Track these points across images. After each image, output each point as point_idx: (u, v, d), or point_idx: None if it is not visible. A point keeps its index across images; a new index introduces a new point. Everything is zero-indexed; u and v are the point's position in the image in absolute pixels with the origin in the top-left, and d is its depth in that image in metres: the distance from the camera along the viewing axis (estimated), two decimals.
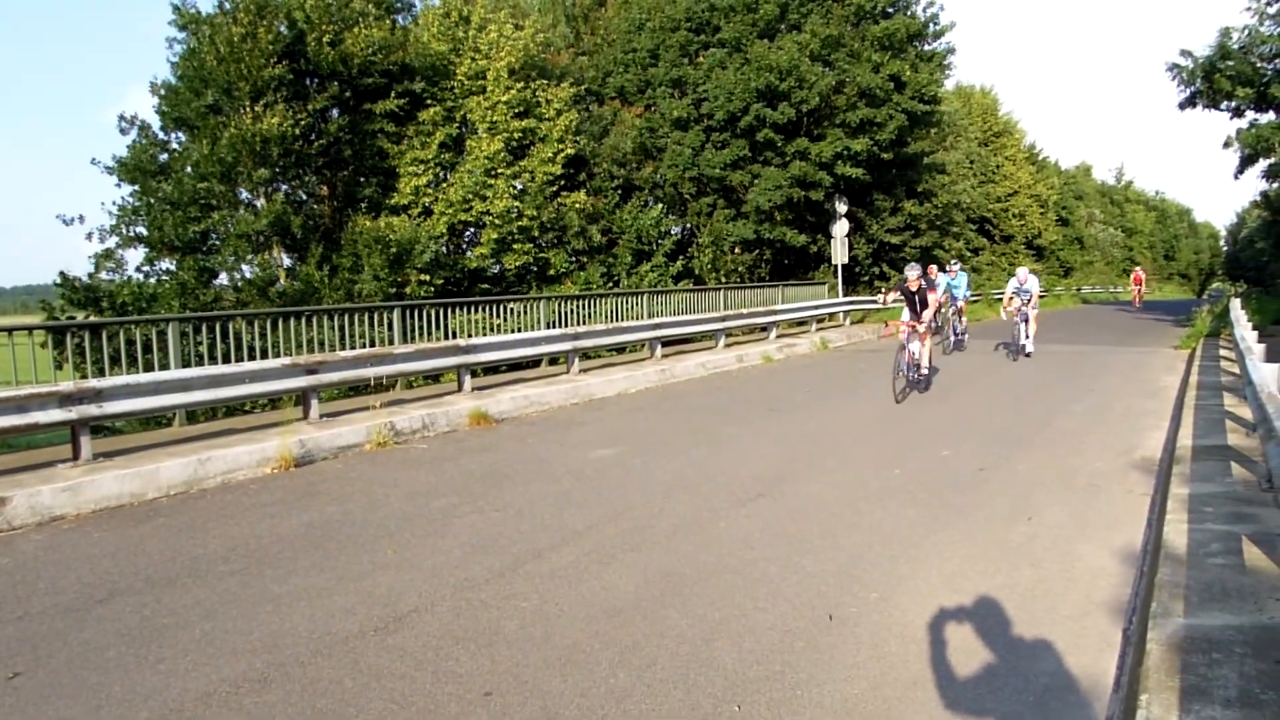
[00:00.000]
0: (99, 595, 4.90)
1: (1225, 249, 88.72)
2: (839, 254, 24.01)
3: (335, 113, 17.24)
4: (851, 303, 23.90)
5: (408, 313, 12.06)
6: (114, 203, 16.43)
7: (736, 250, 24.14)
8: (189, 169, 15.56)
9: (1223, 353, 15.24)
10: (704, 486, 7.08)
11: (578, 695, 3.65)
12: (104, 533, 6.17)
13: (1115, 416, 10.10)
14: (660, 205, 22.20)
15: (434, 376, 12.28)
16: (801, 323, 21.37)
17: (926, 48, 25.19)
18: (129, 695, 3.74)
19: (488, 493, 6.99)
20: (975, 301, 30.30)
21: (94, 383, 7.41)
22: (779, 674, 3.83)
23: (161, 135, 16.97)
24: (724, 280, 22.56)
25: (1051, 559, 5.24)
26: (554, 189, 19.03)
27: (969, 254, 37.33)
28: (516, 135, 18.50)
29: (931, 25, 24.84)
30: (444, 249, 17.96)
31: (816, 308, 21.50)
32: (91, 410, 7.31)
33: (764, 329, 18.95)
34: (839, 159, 22.56)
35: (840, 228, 23.84)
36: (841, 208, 23.74)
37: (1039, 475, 7.35)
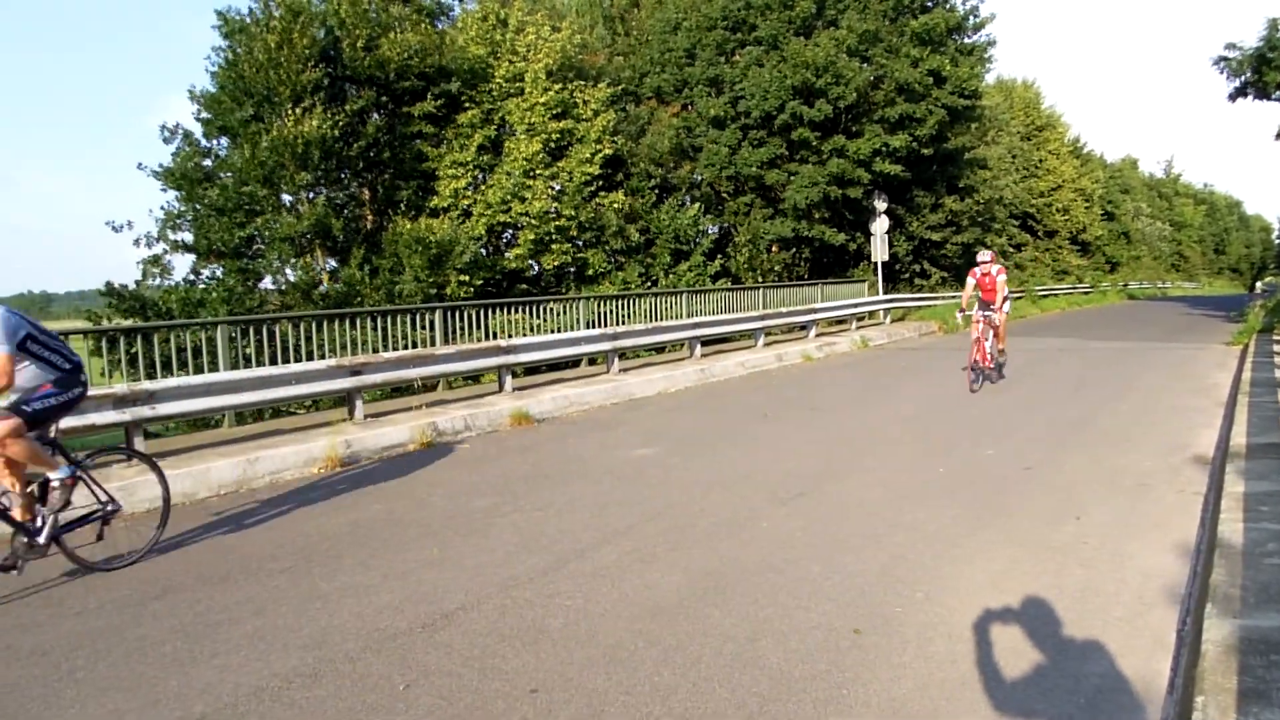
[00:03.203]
0: (154, 592, 5.02)
1: (1278, 242, 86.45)
2: (879, 251, 23.80)
3: (373, 115, 17.49)
4: (892, 300, 23.70)
5: (448, 314, 12.18)
6: (160, 207, 16.82)
7: (774, 249, 24.05)
8: (232, 174, 15.84)
9: (1277, 349, 14.86)
10: (744, 485, 7.07)
11: (622, 693, 3.67)
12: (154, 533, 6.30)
13: (1164, 414, 9.91)
14: (698, 204, 22.18)
15: (474, 377, 12.39)
16: (841, 321, 21.23)
17: (966, 41, 24.89)
18: (184, 689, 3.82)
19: (529, 492, 7.05)
20: (1019, 297, 29.83)
21: (147, 384, 7.60)
22: (824, 673, 3.81)
23: (204, 143, 17.34)
24: (762, 279, 22.48)
25: (1101, 559, 5.16)
26: (592, 189, 19.11)
27: (1011, 250, 36.74)
28: (554, 136, 18.61)
29: (971, 18, 24.55)
30: (483, 250, 18.12)
31: (856, 306, 21.34)
32: (145, 411, 7.49)
33: (803, 328, 18.86)
34: (877, 155, 22.37)
35: (880, 225, 23.64)
36: (880, 205, 23.53)
37: (1086, 474, 7.23)
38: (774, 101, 21.91)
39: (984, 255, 12.56)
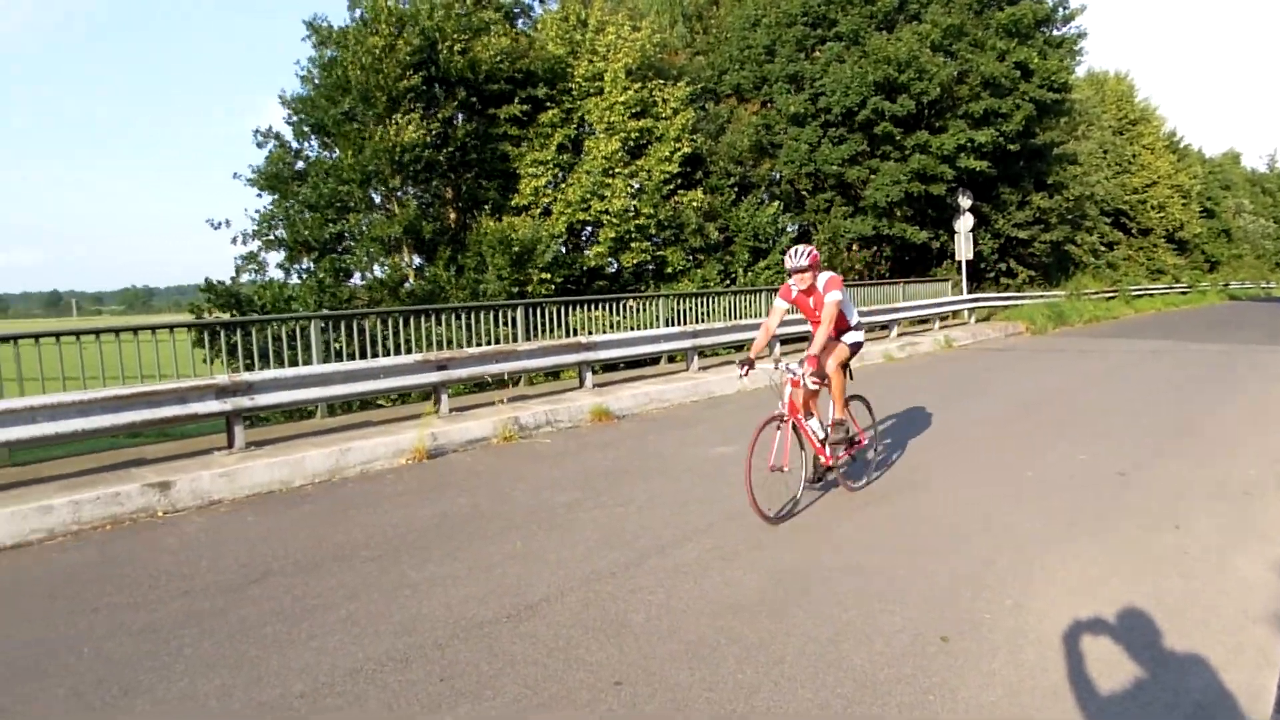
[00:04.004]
0: (254, 575, 5.24)
1: None
2: (963, 250, 23.27)
3: (460, 118, 17.86)
4: (976, 300, 23.15)
5: (530, 310, 12.35)
6: (256, 210, 17.52)
7: (854, 248, 23.71)
8: (328, 173, 16.38)
9: None
10: (826, 485, 7.01)
11: (705, 689, 3.69)
12: (257, 517, 6.59)
13: (1272, 420, 9.47)
14: (777, 202, 22.01)
15: (555, 373, 12.55)
16: (923, 320, 20.83)
17: (1055, 33, 24.15)
18: (283, 669, 3.99)
19: (610, 488, 7.12)
20: (1103, 297, 28.76)
21: (246, 376, 7.92)
22: (910, 677, 3.77)
23: (295, 145, 17.99)
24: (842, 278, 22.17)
25: (1202, 570, 4.97)
26: (670, 187, 19.14)
27: (1103, 248, 35.37)
28: (633, 135, 18.70)
29: (1061, 9, 23.82)
30: (563, 248, 18.32)
31: (939, 305, 20.90)
32: (244, 402, 7.82)
33: (884, 327, 18.56)
34: (961, 151, 21.86)
35: (964, 223, 23.10)
36: (965, 202, 23.00)
37: (1186, 481, 6.96)
38: (855, 97, 21.60)
39: (797, 256, 6.26)
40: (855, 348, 6.88)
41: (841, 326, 6.76)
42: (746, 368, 6.36)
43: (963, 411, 10.47)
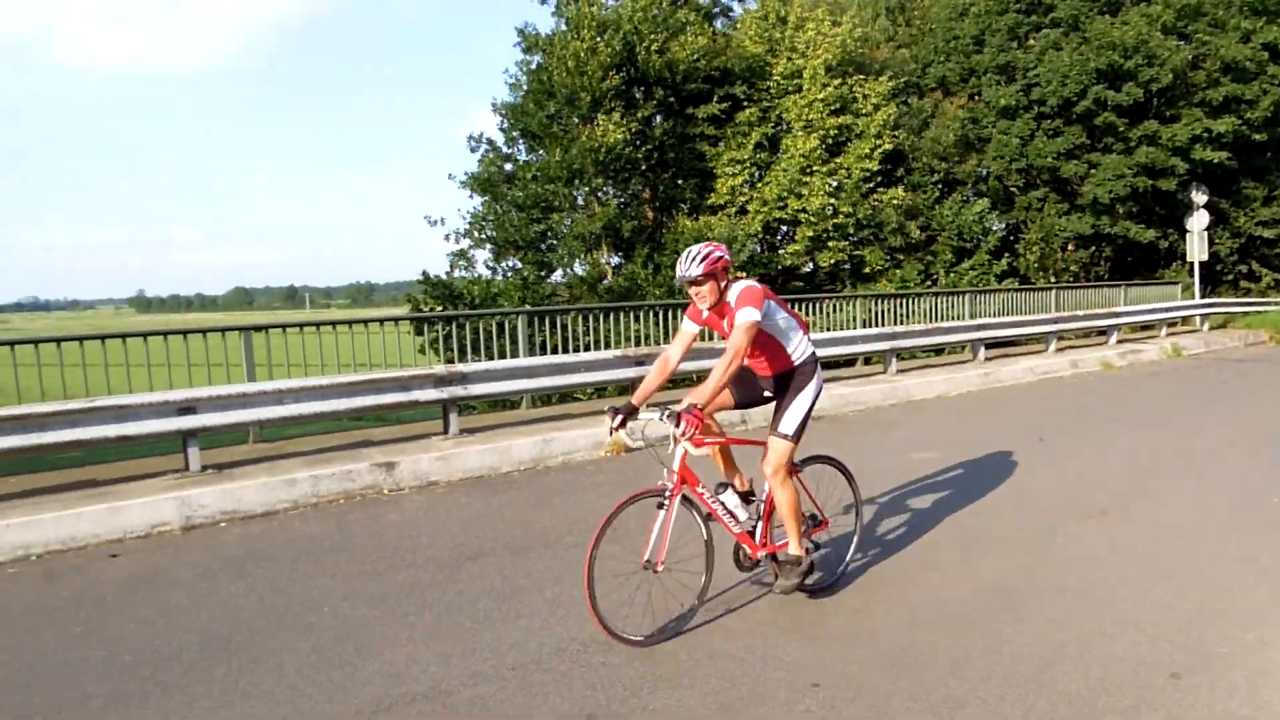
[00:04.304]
0: (469, 554, 5.61)
1: None
2: (1195, 250, 21.23)
3: (659, 119, 18.24)
4: (1211, 305, 21.07)
5: None
6: (467, 211, 18.71)
7: (1070, 247, 22.20)
8: (535, 175, 17.22)
9: None
10: (1036, 497, 6.64)
11: (908, 699, 3.61)
12: (469, 499, 7.05)
13: None
14: (983, 200, 20.97)
15: None
16: (1148, 326, 19.19)
17: None
18: (495, 643, 4.25)
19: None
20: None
21: (461, 367, 8.49)
22: (1133, 709, 3.53)
23: (505, 149, 19.00)
24: (1054, 279, 20.84)
25: None
26: (870, 185, 18.71)
27: None
28: (832, 132, 18.42)
29: None
30: (758, 247, 18.31)
31: (1167, 310, 19.19)
32: (459, 391, 8.38)
33: (1102, 332, 17.28)
34: (1196, 143, 19.98)
35: (1197, 220, 21.07)
36: (1200, 198, 20.97)
37: None
38: (1073, 87, 20.19)
39: (688, 262, 4.33)
40: (801, 423, 4.55)
41: (777, 365, 4.61)
42: (619, 418, 4.43)
43: (1193, 427, 9.60)
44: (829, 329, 13.78)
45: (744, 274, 16.50)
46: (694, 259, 4.31)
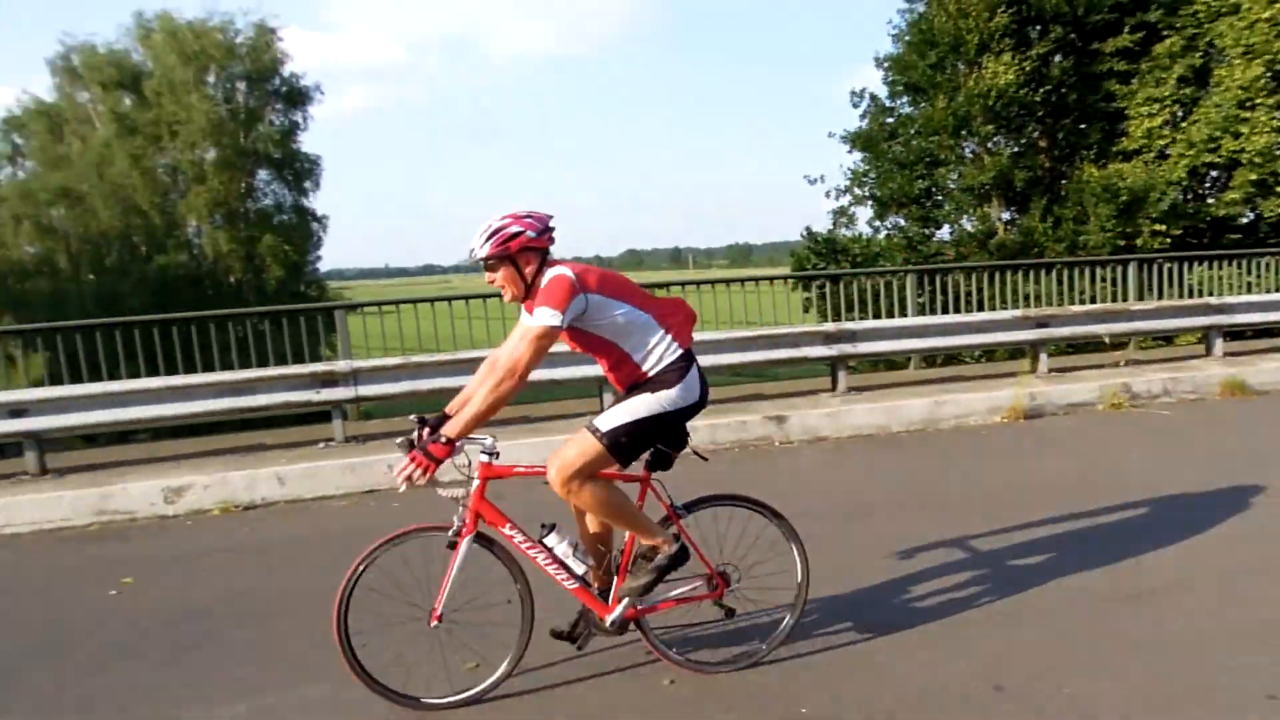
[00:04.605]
0: (861, 511, 5.61)
1: None
2: None
3: (1056, 58, 16.56)
4: None
5: (1142, 266, 11.07)
6: (848, 168, 18.41)
7: None
8: (919, 129, 16.53)
9: None
10: None
11: None
12: (859, 455, 7.06)
13: None
14: None
15: (1167, 338, 11.16)
16: None
17: None
18: (883, 599, 4.23)
19: (1246, 473, 6.08)
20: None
21: (849, 325, 8.47)
22: None
23: (888, 103, 18.39)
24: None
25: None
26: None
27: None
28: None
29: None
30: (1182, 196, 16.00)
31: None
32: (847, 349, 8.38)
33: None
34: None
35: None
36: None
37: None
38: None
39: (476, 241, 3.16)
40: (629, 428, 3.21)
41: (623, 376, 3.37)
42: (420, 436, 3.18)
43: None
44: (1273, 289, 11.70)
45: (1168, 226, 14.53)
46: (481, 235, 3.17)
